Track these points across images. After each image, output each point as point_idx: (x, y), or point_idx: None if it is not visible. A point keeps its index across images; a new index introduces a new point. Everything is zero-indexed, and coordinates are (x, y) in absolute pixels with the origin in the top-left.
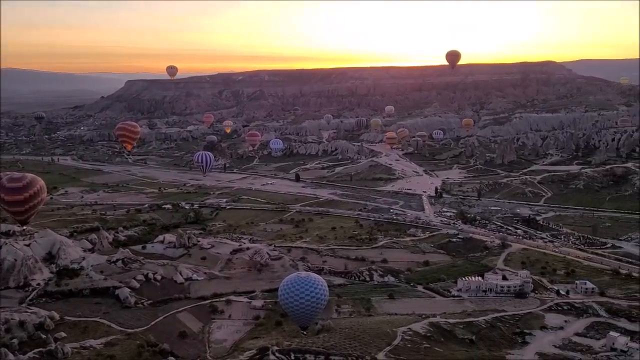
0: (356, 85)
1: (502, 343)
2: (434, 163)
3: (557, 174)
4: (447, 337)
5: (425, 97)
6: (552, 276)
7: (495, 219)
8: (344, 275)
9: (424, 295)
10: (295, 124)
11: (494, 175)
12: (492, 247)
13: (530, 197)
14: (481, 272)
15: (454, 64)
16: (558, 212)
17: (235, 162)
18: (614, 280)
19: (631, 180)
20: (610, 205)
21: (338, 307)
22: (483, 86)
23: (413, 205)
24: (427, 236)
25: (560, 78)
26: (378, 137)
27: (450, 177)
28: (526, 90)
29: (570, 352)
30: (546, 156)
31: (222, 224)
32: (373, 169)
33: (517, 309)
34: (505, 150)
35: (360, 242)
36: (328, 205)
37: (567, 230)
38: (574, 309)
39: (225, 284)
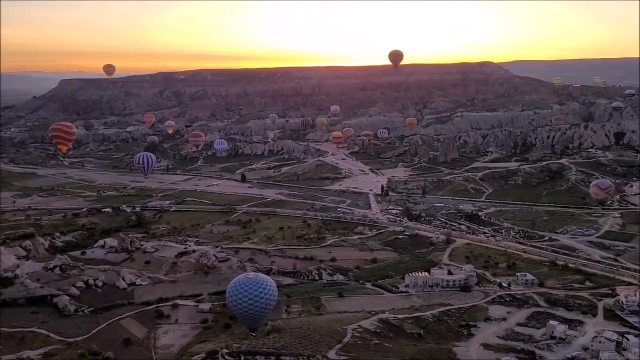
0: (301, 85)
1: (449, 336)
2: (380, 162)
3: (497, 171)
4: (396, 332)
5: (370, 97)
6: (494, 269)
7: (440, 216)
8: (292, 275)
9: (373, 292)
10: (240, 123)
11: (437, 172)
12: (437, 242)
13: (473, 193)
14: (427, 267)
15: (396, 64)
16: (499, 207)
17: (178, 163)
18: (552, 271)
19: (565, 175)
20: (547, 200)
21: (288, 307)
22: (425, 86)
23: (360, 203)
24: (374, 234)
25: (498, 78)
26: (324, 136)
27: (395, 175)
28: (466, 89)
29: (512, 341)
30: (486, 154)
31: (166, 227)
32: (320, 168)
33: (463, 302)
34: (447, 148)
35: (308, 241)
36: (275, 205)
37: (508, 225)
38: (515, 300)
39: (171, 288)
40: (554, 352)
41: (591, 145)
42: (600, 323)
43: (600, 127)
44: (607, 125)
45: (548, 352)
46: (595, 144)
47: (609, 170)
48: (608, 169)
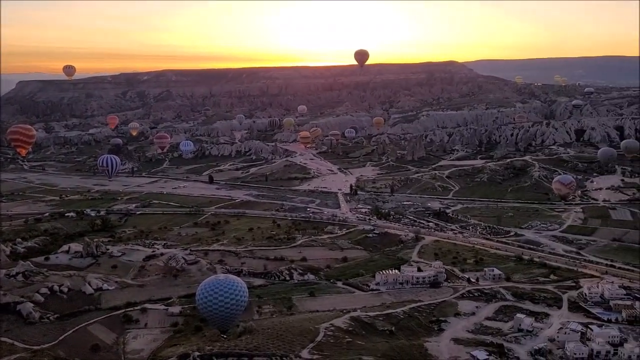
0: (267, 85)
1: (420, 331)
2: (348, 161)
3: (463, 169)
4: (368, 330)
5: (337, 97)
6: (462, 265)
7: (409, 213)
8: (263, 275)
9: (344, 291)
10: (206, 124)
11: (405, 171)
12: (406, 240)
13: (440, 191)
14: (397, 265)
15: (362, 63)
16: (465, 204)
17: (143, 165)
18: (518, 266)
19: (529, 172)
20: (512, 196)
21: (259, 308)
22: (391, 85)
23: (329, 203)
24: (344, 233)
25: (463, 77)
26: (292, 136)
27: (364, 174)
28: (432, 89)
29: (482, 335)
30: (453, 152)
31: (132, 230)
32: (288, 168)
33: (433, 299)
34: (414, 147)
35: (278, 241)
36: (244, 206)
37: (475, 221)
38: (483, 295)
39: (139, 292)
40: (522, 345)
41: (553, 142)
42: (565, 315)
43: (562, 124)
44: (568, 123)
45: (516, 344)
46: (557, 141)
47: (571, 167)
48: (569, 165)
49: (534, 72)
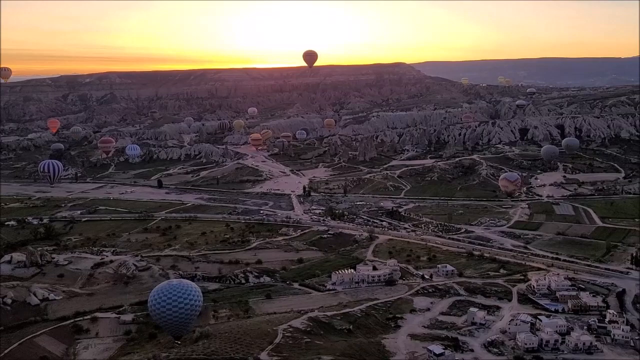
0: (216, 87)
1: (377, 329)
2: (300, 163)
3: (414, 168)
4: (326, 330)
5: (287, 98)
6: (416, 262)
7: (362, 213)
8: (218, 279)
9: (301, 292)
10: (153, 128)
11: (357, 171)
12: (361, 240)
13: (392, 190)
14: (353, 264)
15: (311, 64)
16: (417, 203)
17: (88, 170)
18: (470, 261)
19: (477, 170)
20: (461, 194)
21: (215, 313)
22: (341, 86)
23: (283, 205)
24: (299, 234)
25: (411, 78)
26: (242, 139)
27: (316, 175)
28: (381, 90)
29: (437, 330)
30: (403, 152)
31: (78, 238)
32: (240, 171)
33: (388, 296)
34: (366, 147)
35: (232, 245)
36: (196, 210)
37: (426, 219)
38: (437, 290)
39: (89, 300)
40: (475, 337)
41: (499, 141)
42: (515, 307)
43: (506, 123)
44: (512, 122)
45: (470, 337)
46: (503, 139)
47: (516, 164)
48: (515, 163)
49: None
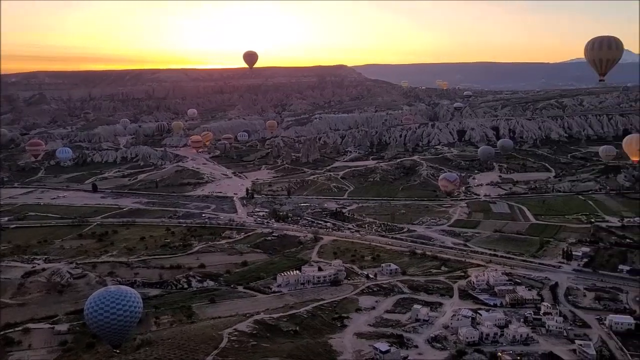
0: (153, 88)
1: (324, 329)
2: (243, 165)
3: (357, 169)
4: (273, 332)
5: (228, 100)
6: (361, 262)
7: (306, 215)
8: (159, 285)
9: (246, 295)
10: (86, 130)
11: (301, 173)
12: (305, 241)
13: (336, 191)
14: (298, 266)
15: (252, 65)
16: (360, 203)
17: (15, 175)
18: (412, 260)
19: (418, 171)
20: (403, 194)
21: (157, 319)
22: (283, 88)
23: (225, 207)
24: (242, 237)
25: (352, 81)
26: (182, 141)
27: (259, 177)
28: (323, 92)
29: (382, 328)
30: (346, 153)
31: (7, 246)
32: (180, 174)
33: (334, 296)
34: (309, 149)
35: (173, 249)
36: (133, 215)
37: (370, 220)
38: (382, 289)
39: (20, 311)
40: (420, 334)
41: (438, 142)
42: (456, 303)
43: (445, 125)
44: (451, 124)
45: (414, 334)
46: (442, 141)
47: (455, 165)
48: (453, 163)
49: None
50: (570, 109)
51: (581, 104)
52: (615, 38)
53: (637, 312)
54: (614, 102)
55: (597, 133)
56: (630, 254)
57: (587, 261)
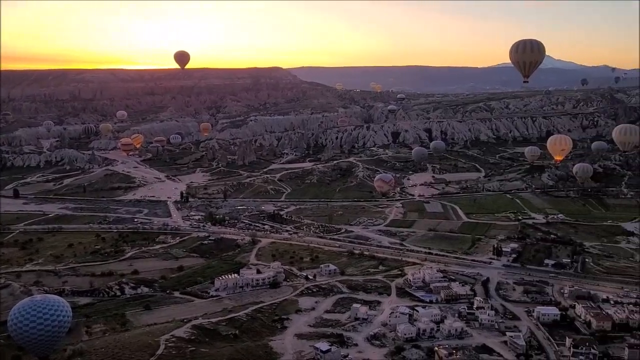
0: (79, 89)
1: (264, 332)
2: (176, 168)
3: (293, 171)
4: (212, 336)
5: (159, 101)
6: (300, 264)
7: (243, 218)
8: (90, 293)
9: (183, 301)
10: (5, 132)
11: (237, 176)
12: (243, 244)
13: (273, 194)
14: (236, 269)
15: (183, 65)
16: (298, 205)
17: None
18: (350, 260)
19: (354, 172)
20: (340, 196)
21: (88, 328)
22: (217, 90)
23: (159, 212)
24: (177, 241)
25: (288, 83)
26: (111, 144)
27: (194, 180)
28: (258, 94)
29: (322, 328)
30: (282, 155)
31: None
32: (109, 178)
33: (274, 298)
34: (245, 151)
35: (105, 256)
36: (60, 221)
37: (308, 221)
38: (321, 290)
39: None
40: (359, 332)
41: (373, 144)
42: (394, 301)
43: (380, 127)
44: (385, 126)
45: (354, 332)
46: (377, 142)
47: (389, 166)
48: (388, 164)
49: (351, 79)
50: (497, 111)
51: (507, 107)
52: (538, 41)
53: (562, 304)
54: (537, 105)
55: (523, 134)
56: (554, 249)
57: (515, 257)
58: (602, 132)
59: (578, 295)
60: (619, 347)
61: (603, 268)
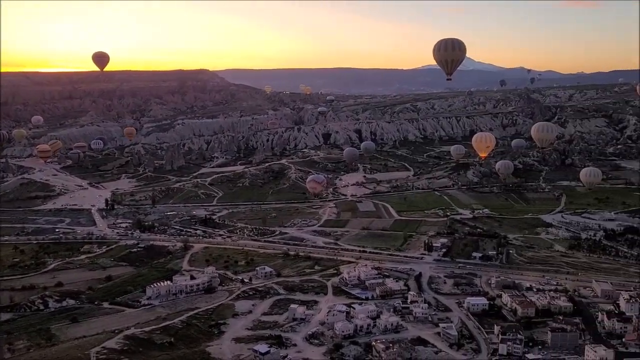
0: None
1: (200, 338)
2: (100, 175)
3: (225, 175)
4: (146, 346)
5: (79, 105)
6: (235, 268)
7: (174, 223)
8: (10, 309)
9: (113, 311)
10: None
11: (165, 181)
12: (175, 250)
13: (204, 198)
14: (168, 276)
15: (102, 67)
16: (231, 209)
17: None
18: (286, 261)
19: (287, 174)
20: (273, 198)
21: (10, 345)
22: (141, 93)
23: (82, 221)
24: (104, 251)
25: (215, 85)
26: (26, 151)
27: (120, 187)
28: (184, 97)
29: (261, 330)
30: (213, 159)
31: None
32: (26, 187)
33: (209, 304)
34: (173, 156)
35: (25, 269)
36: None
37: (241, 225)
38: (258, 292)
39: None
40: (297, 332)
41: (305, 146)
42: (331, 299)
43: (311, 129)
44: (316, 128)
45: (292, 333)
46: (308, 144)
47: (321, 167)
48: (320, 165)
49: (280, 82)
50: (423, 112)
51: (433, 108)
52: (459, 40)
53: (490, 294)
54: (461, 105)
55: (448, 134)
56: (481, 242)
57: (445, 251)
58: (520, 130)
59: (504, 285)
60: (542, 332)
61: (526, 258)
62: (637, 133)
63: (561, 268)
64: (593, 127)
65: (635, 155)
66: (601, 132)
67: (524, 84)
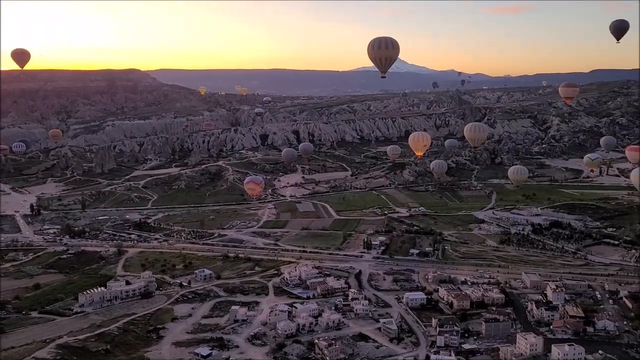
0: None
1: (138, 344)
2: (23, 179)
3: (159, 177)
4: (80, 355)
5: None
6: (172, 271)
7: (106, 228)
8: None
9: (42, 320)
10: None
11: (96, 184)
12: (108, 256)
13: (138, 201)
14: (102, 282)
15: (23, 64)
16: (166, 212)
17: None
18: (226, 263)
19: (224, 176)
20: (211, 200)
21: None
22: (67, 94)
23: (5, 227)
24: (31, 258)
25: (147, 86)
26: None
27: (46, 191)
28: (114, 97)
29: (201, 333)
30: (146, 161)
31: None
32: None
33: (147, 309)
34: (103, 158)
35: None
36: None
37: (178, 228)
38: (197, 295)
39: None
40: (239, 334)
41: (242, 147)
42: (272, 300)
43: (248, 130)
44: (253, 129)
45: (234, 334)
46: (245, 145)
47: (260, 168)
48: (259, 167)
49: (215, 82)
50: (360, 113)
51: (369, 109)
52: (392, 39)
53: (427, 289)
54: (396, 107)
55: (384, 134)
56: (418, 239)
57: (384, 249)
58: (453, 130)
59: (440, 279)
60: (477, 323)
61: (460, 253)
62: (559, 133)
63: (493, 262)
64: (520, 128)
65: (559, 154)
66: (527, 132)
67: (455, 86)
